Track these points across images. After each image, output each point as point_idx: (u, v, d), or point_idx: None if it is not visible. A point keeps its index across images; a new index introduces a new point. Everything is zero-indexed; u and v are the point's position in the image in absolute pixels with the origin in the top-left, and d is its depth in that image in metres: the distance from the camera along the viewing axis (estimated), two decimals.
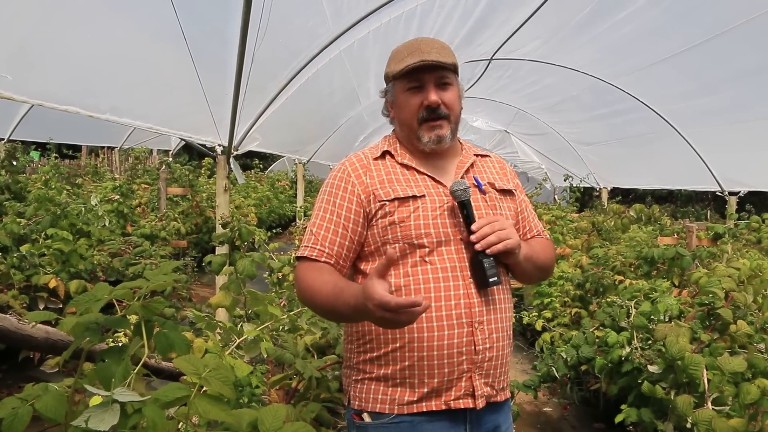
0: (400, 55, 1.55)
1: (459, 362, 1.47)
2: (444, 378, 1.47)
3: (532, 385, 3.41)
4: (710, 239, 4.57)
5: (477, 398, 1.49)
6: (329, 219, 1.54)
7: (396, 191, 1.52)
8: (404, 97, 1.56)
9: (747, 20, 4.68)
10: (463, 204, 1.50)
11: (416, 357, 1.46)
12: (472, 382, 1.49)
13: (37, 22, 2.62)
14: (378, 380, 1.52)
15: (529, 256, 1.58)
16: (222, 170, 4.29)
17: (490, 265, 1.47)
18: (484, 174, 1.66)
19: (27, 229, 4.39)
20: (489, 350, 1.50)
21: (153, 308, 1.05)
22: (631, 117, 7.42)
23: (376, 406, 1.51)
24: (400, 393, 1.50)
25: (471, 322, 1.47)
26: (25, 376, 3.64)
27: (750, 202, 7.99)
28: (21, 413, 0.92)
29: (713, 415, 2.29)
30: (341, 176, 1.58)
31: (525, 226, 1.73)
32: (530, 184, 12.48)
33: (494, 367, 1.53)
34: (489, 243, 1.46)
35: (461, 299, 1.47)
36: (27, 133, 9.56)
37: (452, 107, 1.56)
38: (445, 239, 1.50)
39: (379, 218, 1.52)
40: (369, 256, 1.56)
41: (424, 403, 1.48)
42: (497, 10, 5.16)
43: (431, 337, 1.46)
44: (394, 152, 1.61)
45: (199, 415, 0.90)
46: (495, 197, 1.62)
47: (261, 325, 2.40)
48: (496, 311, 1.52)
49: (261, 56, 3.59)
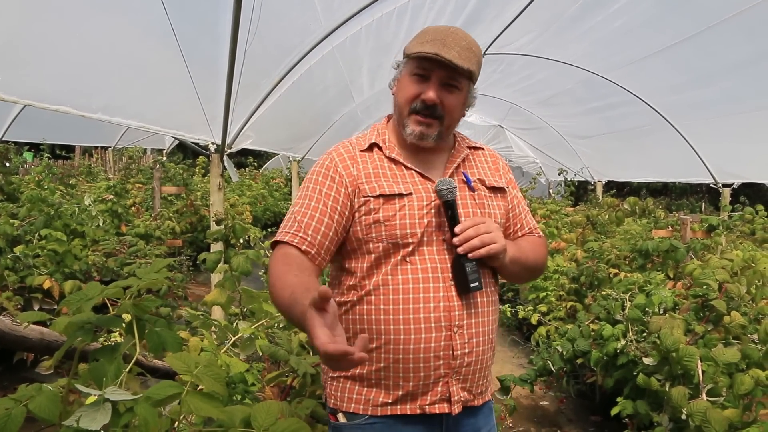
0: (425, 36, 1.45)
1: (436, 366, 1.42)
2: (419, 382, 1.43)
3: (529, 379, 3.42)
4: (704, 231, 4.59)
5: (453, 404, 1.45)
6: (314, 207, 1.46)
7: (382, 187, 1.46)
8: (408, 80, 1.48)
9: (738, 12, 4.69)
10: (448, 204, 1.44)
11: (392, 359, 1.42)
12: (448, 387, 1.44)
13: (25, 21, 2.60)
14: (353, 380, 1.48)
15: (516, 258, 1.52)
16: (216, 168, 4.27)
17: (472, 270, 1.42)
18: (476, 170, 1.60)
19: (20, 230, 4.38)
20: (468, 355, 1.45)
21: (144, 306, 1.04)
22: (625, 110, 7.42)
23: (351, 405, 1.48)
24: (375, 394, 1.46)
25: (450, 325, 1.42)
26: (19, 378, 3.63)
27: (744, 193, 8.02)
28: (15, 414, 0.91)
29: (708, 406, 2.30)
30: (329, 165, 1.51)
31: (516, 224, 1.66)
32: (525, 179, 12.51)
33: (473, 372, 1.48)
34: (472, 247, 1.40)
35: (441, 302, 1.42)
36: (20, 133, 9.51)
37: (450, 111, 1.48)
38: (428, 239, 1.45)
39: (363, 214, 1.45)
40: (351, 253, 1.49)
41: (399, 406, 1.45)
42: (490, 5, 5.15)
43: (407, 340, 1.41)
44: (382, 144, 1.54)
45: (192, 412, 0.90)
46: (484, 195, 1.55)
47: (256, 322, 2.40)
48: (477, 315, 1.46)
49: (253, 53, 3.57)
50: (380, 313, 1.43)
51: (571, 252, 5.15)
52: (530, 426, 3.98)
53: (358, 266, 1.47)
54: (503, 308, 5.66)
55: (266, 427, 0.96)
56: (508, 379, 3.32)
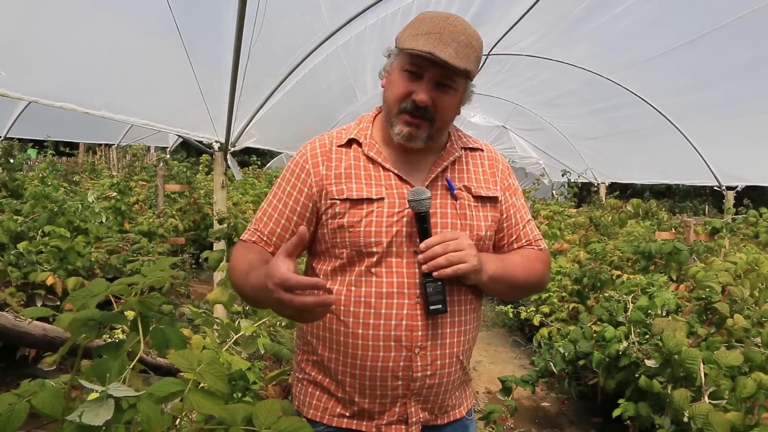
0: (421, 27, 1.30)
1: (393, 386, 1.34)
2: (376, 400, 1.36)
3: (530, 380, 3.41)
4: (708, 234, 4.59)
5: (410, 425, 1.37)
6: (275, 206, 1.42)
7: (350, 190, 1.35)
8: (398, 75, 1.34)
9: (743, 15, 4.68)
10: (419, 217, 1.31)
11: (348, 373, 1.36)
12: (406, 408, 1.36)
13: (30, 18, 2.61)
14: (315, 384, 1.44)
15: (499, 276, 1.37)
16: (219, 167, 4.28)
17: (434, 291, 1.29)
18: (465, 174, 1.44)
19: (24, 226, 4.39)
20: (430, 377, 1.35)
21: (149, 304, 1.05)
22: (629, 112, 7.41)
23: (310, 411, 1.43)
24: (333, 403, 1.41)
25: (410, 346, 1.32)
26: (22, 374, 3.64)
27: (748, 196, 8.01)
28: (18, 409, 0.91)
29: (710, 409, 2.30)
30: (298, 161, 1.42)
31: (511, 235, 1.49)
32: (528, 180, 12.51)
33: (435, 394, 1.37)
34: (437, 265, 1.27)
35: (403, 320, 1.31)
36: (24, 130, 9.55)
37: (443, 113, 1.34)
38: (397, 250, 1.33)
39: (329, 218, 1.36)
40: (320, 255, 1.43)
41: (355, 420, 1.39)
42: (494, 5, 5.15)
43: (365, 356, 1.33)
44: (362, 140, 1.42)
45: (194, 409, 0.90)
46: (467, 204, 1.41)
47: (258, 321, 2.41)
48: (443, 336, 1.35)
49: (257, 52, 3.58)
50: (340, 325, 1.36)
51: (574, 253, 5.15)
52: (531, 427, 3.98)
53: (324, 269, 1.41)
54: (505, 309, 5.67)
55: (268, 426, 0.96)
56: (509, 380, 3.32)
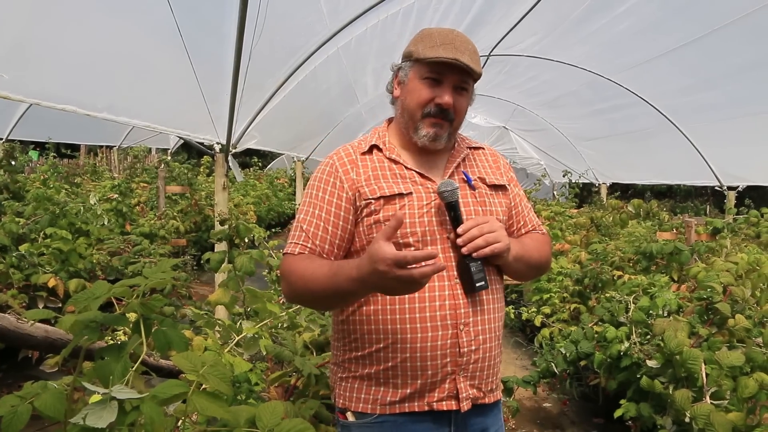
0: (432, 40, 1.46)
1: (443, 364, 1.44)
2: (427, 380, 1.45)
3: (532, 380, 3.41)
4: (709, 234, 4.58)
5: (462, 400, 1.47)
6: (318, 215, 1.49)
7: (382, 189, 1.48)
8: (419, 84, 1.49)
9: (744, 15, 4.69)
10: (450, 205, 1.45)
11: (399, 358, 1.44)
12: (456, 384, 1.46)
13: (32, 20, 2.61)
14: (362, 379, 1.50)
15: (520, 256, 1.53)
16: (220, 168, 4.29)
17: (477, 269, 1.43)
18: (476, 168, 1.61)
19: (26, 228, 4.40)
20: (474, 352, 1.47)
21: (151, 306, 1.05)
22: (630, 112, 7.42)
23: (359, 405, 1.50)
24: (383, 393, 1.48)
25: (456, 323, 1.44)
26: (24, 376, 3.64)
27: (749, 196, 8.01)
28: (20, 411, 0.92)
29: (711, 409, 2.29)
30: (329, 170, 1.53)
31: (519, 221, 1.68)
32: (529, 180, 12.51)
33: (480, 369, 1.49)
34: (476, 247, 1.41)
35: (446, 300, 1.44)
36: (25, 132, 9.55)
37: (460, 114, 1.51)
38: (431, 238, 1.46)
39: (364, 216, 1.47)
40: (356, 255, 1.50)
41: (407, 403, 1.46)
42: (495, 7, 5.16)
43: (414, 338, 1.43)
44: (382, 146, 1.56)
45: (197, 411, 0.90)
46: (485, 193, 1.57)
47: (260, 322, 2.41)
48: (483, 312, 1.49)
49: (258, 53, 3.58)
50: (386, 314, 1.45)
51: (575, 254, 5.14)
52: (533, 428, 3.97)
53: None
54: (507, 309, 5.66)
55: (271, 428, 0.97)
56: (511, 380, 3.32)
